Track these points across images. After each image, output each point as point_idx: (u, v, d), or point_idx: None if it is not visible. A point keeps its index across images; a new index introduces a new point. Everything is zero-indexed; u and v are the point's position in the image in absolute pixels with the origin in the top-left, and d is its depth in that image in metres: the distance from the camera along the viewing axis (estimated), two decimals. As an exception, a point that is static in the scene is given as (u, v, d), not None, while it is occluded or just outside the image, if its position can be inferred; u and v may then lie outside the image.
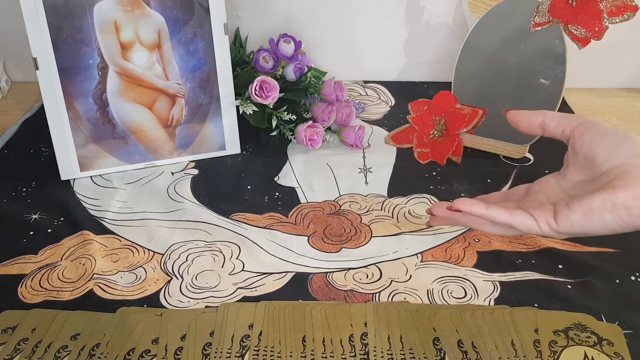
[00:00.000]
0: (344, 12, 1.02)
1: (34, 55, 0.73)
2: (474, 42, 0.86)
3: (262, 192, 0.78)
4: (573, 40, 0.76)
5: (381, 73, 1.09)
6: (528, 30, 0.79)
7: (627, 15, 0.72)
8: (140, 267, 0.65)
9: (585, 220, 0.38)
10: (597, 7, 0.73)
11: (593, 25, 0.74)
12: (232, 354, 0.54)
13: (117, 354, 0.54)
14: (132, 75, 0.78)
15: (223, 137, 0.85)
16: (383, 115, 0.98)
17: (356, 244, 0.69)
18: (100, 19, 0.74)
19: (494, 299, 0.61)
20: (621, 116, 0.98)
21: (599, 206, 0.37)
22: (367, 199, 0.77)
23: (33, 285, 0.63)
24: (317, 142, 0.85)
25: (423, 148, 0.85)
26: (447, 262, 0.66)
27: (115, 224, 0.72)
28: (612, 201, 0.36)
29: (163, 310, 0.59)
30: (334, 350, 0.54)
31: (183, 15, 0.77)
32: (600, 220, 0.37)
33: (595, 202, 0.37)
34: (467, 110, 0.82)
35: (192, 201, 0.76)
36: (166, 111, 0.81)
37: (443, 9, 1.01)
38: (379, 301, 0.60)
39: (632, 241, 0.67)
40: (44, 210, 0.74)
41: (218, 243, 0.69)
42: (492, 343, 0.55)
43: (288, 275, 0.64)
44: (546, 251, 0.67)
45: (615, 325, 0.57)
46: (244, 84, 0.85)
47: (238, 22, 1.02)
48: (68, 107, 0.77)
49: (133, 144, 0.81)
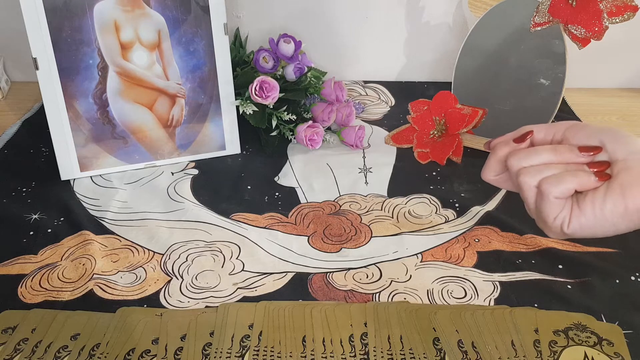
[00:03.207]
0: (343, 12, 1.02)
1: (34, 55, 0.73)
2: (474, 42, 0.86)
3: (262, 192, 0.78)
4: (573, 40, 0.76)
5: (381, 73, 1.09)
6: (528, 30, 0.79)
7: (627, 15, 0.72)
8: (140, 267, 0.65)
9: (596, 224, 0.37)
10: (597, 7, 0.73)
11: (593, 25, 0.74)
12: (232, 354, 0.54)
13: (117, 354, 0.54)
14: (132, 75, 0.78)
15: (223, 137, 0.85)
16: (383, 115, 0.97)
17: (356, 244, 0.69)
18: (100, 19, 0.74)
19: (494, 299, 0.61)
20: (621, 116, 0.98)
21: (612, 211, 0.36)
22: (367, 199, 0.77)
23: (33, 285, 0.63)
24: (317, 142, 0.85)
25: (423, 148, 0.85)
26: (447, 262, 0.66)
27: (115, 224, 0.72)
28: (624, 206, 0.36)
29: (163, 310, 0.59)
30: (334, 350, 0.54)
31: (183, 15, 0.77)
32: (612, 224, 0.36)
33: (608, 206, 0.36)
34: (467, 110, 0.82)
35: (192, 201, 0.76)
36: (166, 111, 0.81)
37: (443, 9, 1.01)
38: (379, 301, 0.60)
39: (632, 241, 0.67)
40: (44, 210, 0.74)
41: (218, 243, 0.69)
42: (492, 343, 0.55)
43: (288, 275, 0.64)
44: (546, 251, 0.67)
45: (615, 325, 0.57)
46: (244, 84, 0.85)
47: (238, 22, 1.02)
48: (68, 107, 0.77)
49: (133, 144, 0.81)
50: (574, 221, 0.37)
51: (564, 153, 0.38)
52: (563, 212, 0.38)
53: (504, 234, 0.69)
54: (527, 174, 0.39)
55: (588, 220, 0.37)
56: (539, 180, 0.38)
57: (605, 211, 0.36)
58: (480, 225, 0.71)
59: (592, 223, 0.37)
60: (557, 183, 0.37)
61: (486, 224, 0.71)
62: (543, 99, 0.80)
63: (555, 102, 0.79)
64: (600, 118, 0.97)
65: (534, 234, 0.69)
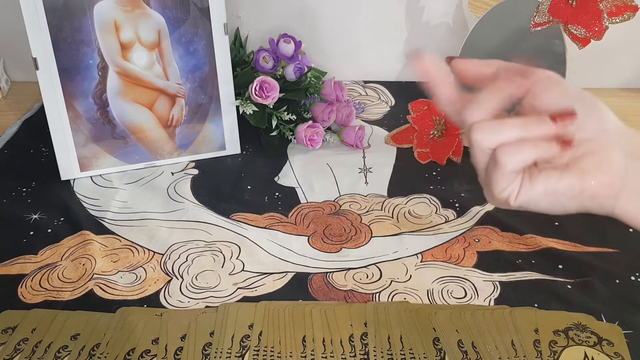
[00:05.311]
0: (343, 12, 1.02)
1: (34, 55, 0.73)
2: (474, 42, 0.86)
3: (262, 192, 0.78)
4: (573, 40, 0.76)
5: (381, 73, 1.09)
6: (528, 30, 0.79)
7: (627, 15, 0.72)
8: (140, 267, 0.65)
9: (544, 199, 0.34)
10: (597, 7, 0.73)
11: (593, 25, 0.74)
12: (232, 354, 0.54)
13: (117, 354, 0.54)
14: (132, 75, 0.78)
15: (223, 137, 0.85)
16: (383, 115, 0.97)
17: (356, 244, 0.69)
18: (100, 19, 0.74)
19: (494, 299, 0.61)
20: (621, 116, 0.97)
21: (566, 192, 0.33)
22: (367, 199, 0.77)
23: (33, 285, 0.63)
24: (317, 142, 0.85)
25: (423, 148, 0.85)
26: (447, 262, 0.66)
27: (115, 224, 0.72)
28: (580, 188, 0.33)
29: (163, 310, 0.59)
30: (334, 350, 0.54)
31: (183, 15, 0.77)
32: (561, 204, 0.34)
33: (563, 184, 0.33)
34: (467, 110, 0.82)
35: (192, 201, 0.76)
36: (166, 111, 0.81)
37: (443, 9, 1.01)
38: (379, 301, 0.60)
39: (632, 241, 0.67)
40: (44, 210, 0.74)
41: (218, 243, 0.69)
42: (492, 343, 0.55)
43: (288, 275, 0.64)
44: (546, 251, 0.67)
45: (615, 325, 0.57)
46: (244, 84, 0.85)
47: (238, 22, 1.02)
48: (68, 107, 0.77)
49: (133, 144, 0.81)
50: (523, 194, 0.34)
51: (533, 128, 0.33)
52: (513, 185, 0.34)
53: (504, 234, 0.69)
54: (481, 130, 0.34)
55: (538, 195, 0.34)
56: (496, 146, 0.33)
57: (558, 190, 0.33)
58: (480, 225, 0.71)
59: (542, 199, 0.34)
60: (516, 153, 0.33)
61: (486, 224, 0.71)
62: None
63: (555, 102, 0.79)
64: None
65: (534, 234, 0.69)
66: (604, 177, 0.33)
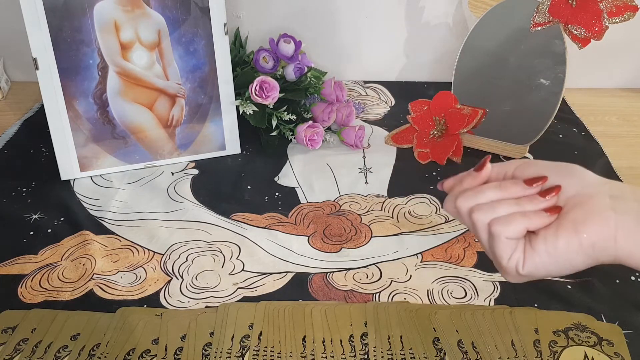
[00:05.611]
0: (344, 12, 1.02)
1: (34, 55, 0.73)
2: (474, 42, 0.86)
3: (262, 192, 0.78)
4: (573, 40, 0.76)
5: (381, 73, 1.09)
6: (528, 30, 0.79)
7: (627, 15, 0.72)
8: (140, 267, 0.65)
9: (551, 262, 0.36)
10: (597, 7, 0.73)
11: (593, 25, 0.74)
12: (232, 354, 0.54)
13: (117, 354, 0.54)
14: (132, 75, 0.78)
15: (223, 137, 0.85)
16: (383, 115, 0.97)
17: (356, 244, 0.69)
18: (100, 19, 0.74)
19: (494, 299, 0.61)
20: (621, 116, 0.98)
21: (566, 248, 0.35)
22: (367, 199, 0.77)
23: (33, 285, 0.63)
24: (317, 142, 0.85)
25: (423, 148, 0.85)
26: (447, 262, 0.66)
27: (115, 224, 0.72)
28: (578, 242, 0.35)
29: (163, 311, 0.59)
30: (334, 351, 0.54)
31: (183, 15, 0.77)
32: (567, 261, 0.36)
33: (561, 242, 0.35)
34: (467, 110, 0.82)
35: (192, 201, 0.76)
36: (166, 111, 0.81)
37: (443, 9, 1.01)
38: (379, 301, 0.60)
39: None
40: (44, 210, 0.74)
41: (218, 243, 0.69)
42: (492, 343, 0.55)
43: (288, 275, 0.64)
44: (546, 251, 0.66)
45: (615, 325, 0.57)
46: (244, 84, 0.85)
47: (238, 22, 1.02)
48: (68, 107, 0.77)
49: (133, 144, 0.81)
50: (529, 261, 0.36)
51: (509, 187, 0.38)
52: (516, 253, 0.37)
53: (504, 234, 0.69)
54: (479, 211, 0.38)
55: (542, 259, 0.36)
56: (489, 220, 0.37)
57: (558, 248, 0.35)
58: (480, 225, 0.71)
59: (547, 261, 0.36)
60: (507, 223, 0.36)
61: (486, 224, 0.71)
62: (543, 99, 0.80)
63: (555, 102, 0.79)
64: (600, 118, 0.97)
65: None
66: (596, 220, 0.35)
